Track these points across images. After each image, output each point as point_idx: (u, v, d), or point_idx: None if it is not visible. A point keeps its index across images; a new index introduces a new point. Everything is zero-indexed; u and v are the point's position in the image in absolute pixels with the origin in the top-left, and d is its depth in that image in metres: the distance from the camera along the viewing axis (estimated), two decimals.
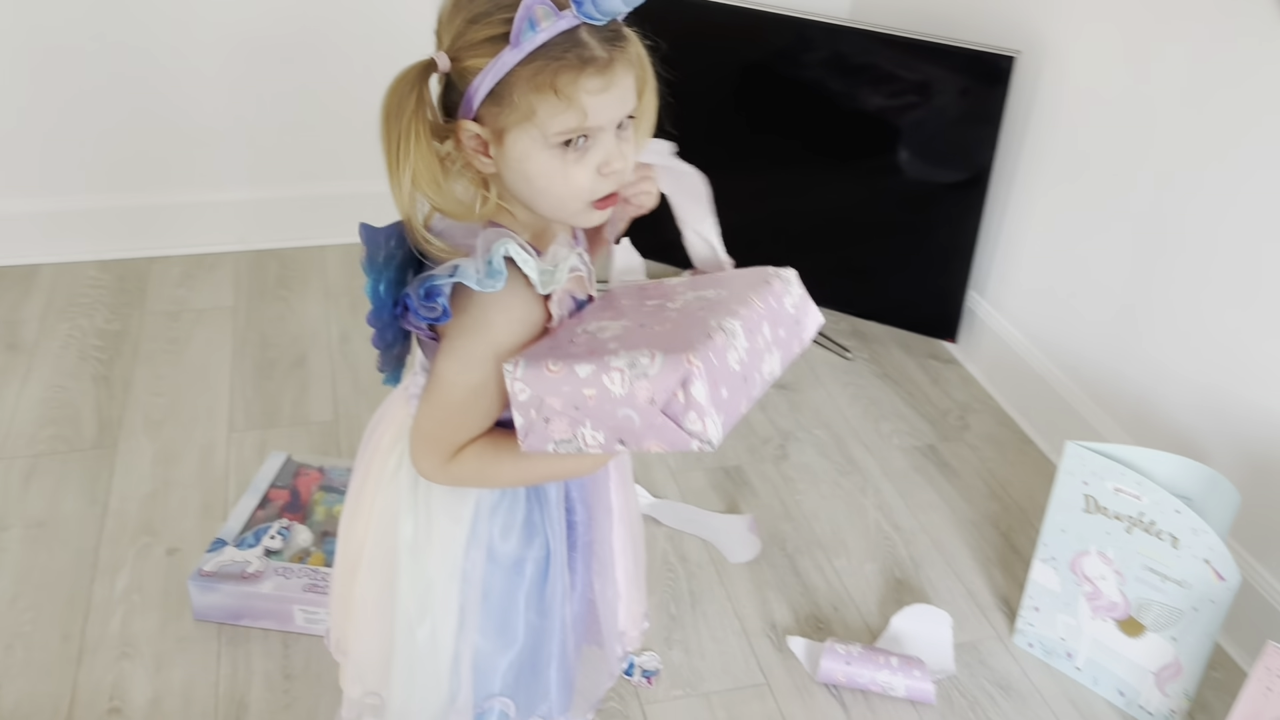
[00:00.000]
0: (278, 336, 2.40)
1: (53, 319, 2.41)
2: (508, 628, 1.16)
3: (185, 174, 2.63)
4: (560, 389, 0.89)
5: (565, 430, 0.91)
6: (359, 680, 1.23)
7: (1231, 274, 1.72)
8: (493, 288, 0.91)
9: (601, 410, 0.89)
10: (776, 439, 2.18)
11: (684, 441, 0.87)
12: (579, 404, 0.89)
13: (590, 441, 0.91)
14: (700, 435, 0.86)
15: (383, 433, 1.16)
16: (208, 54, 2.50)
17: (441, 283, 0.92)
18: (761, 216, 2.48)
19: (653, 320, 0.94)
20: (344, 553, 1.22)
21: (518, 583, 1.15)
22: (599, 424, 0.90)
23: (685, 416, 0.86)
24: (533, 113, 0.91)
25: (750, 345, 0.92)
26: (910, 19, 2.43)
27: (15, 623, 1.69)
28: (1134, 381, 1.95)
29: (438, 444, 1.03)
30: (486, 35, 0.90)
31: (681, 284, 1.04)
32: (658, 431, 0.87)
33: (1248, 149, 1.67)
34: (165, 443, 2.07)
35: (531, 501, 1.12)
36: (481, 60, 0.90)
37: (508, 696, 1.19)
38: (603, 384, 0.87)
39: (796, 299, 1.04)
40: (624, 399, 0.87)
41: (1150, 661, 1.61)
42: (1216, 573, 1.50)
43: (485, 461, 1.03)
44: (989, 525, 2.00)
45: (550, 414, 0.91)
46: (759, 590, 1.83)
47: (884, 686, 1.64)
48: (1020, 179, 2.21)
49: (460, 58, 0.91)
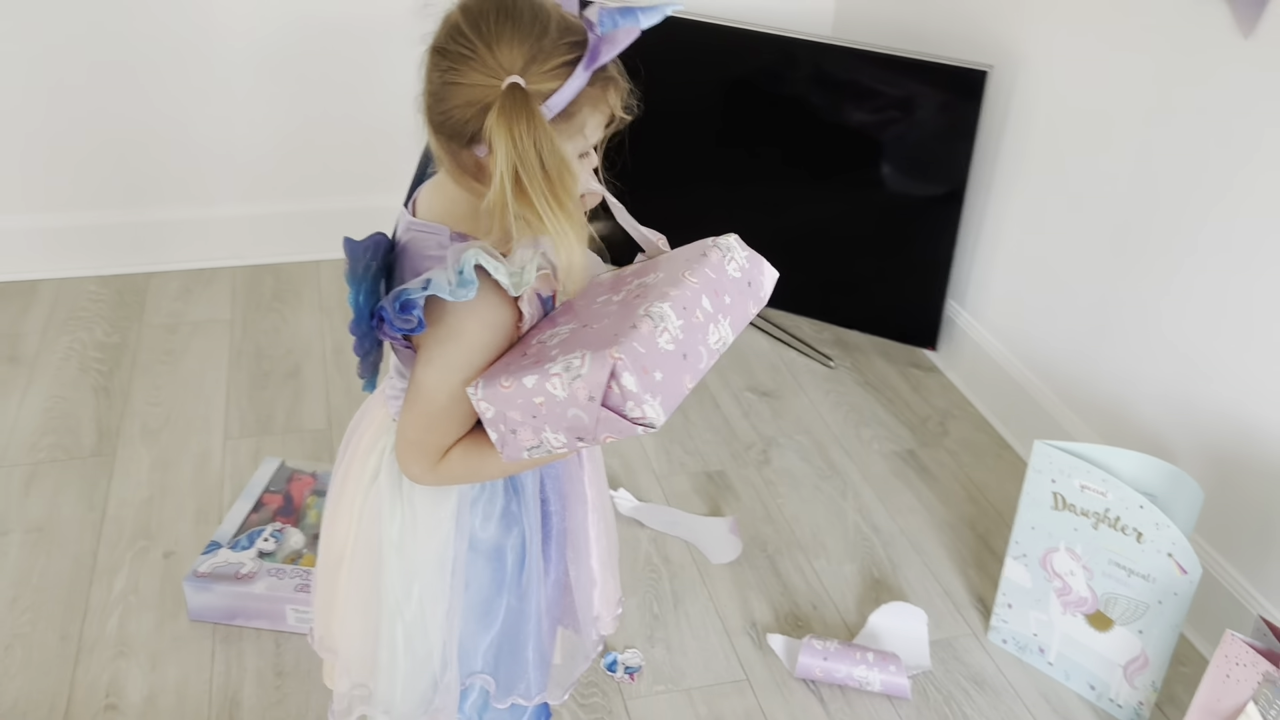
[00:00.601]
0: (272, 348, 2.46)
1: (54, 332, 2.47)
2: (488, 612, 1.21)
3: (183, 191, 2.69)
4: (515, 401, 0.95)
5: (531, 437, 0.97)
6: (346, 674, 1.27)
7: (1196, 281, 1.77)
8: (465, 297, 0.95)
9: (554, 414, 0.94)
10: (760, 444, 2.23)
11: (631, 428, 0.92)
12: (535, 412, 0.95)
13: (554, 443, 0.97)
14: (642, 420, 0.92)
15: (362, 434, 1.21)
16: (206, 75, 2.56)
17: (415, 295, 0.96)
18: (748, 230, 2.53)
19: (595, 318, 0.99)
20: (326, 552, 1.27)
21: (498, 569, 1.20)
22: (556, 427, 0.95)
23: (625, 406, 0.91)
24: (584, 126, 1.00)
25: (686, 322, 0.97)
26: (890, 36, 2.50)
27: (15, 624, 1.74)
28: (1105, 386, 2.00)
29: (424, 449, 1.07)
30: (560, 60, 0.96)
31: (631, 272, 1.09)
32: (607, 424, 0.92)
33: (1211, 159, 1.72)
34: (162, 450, 2.12)
35: (509, 493, 1.17)
36: (555, 83, 0.95)
37: (488, 674, 1.24)
38: (548, 390, 0.93)
39: (742, 262, 1.09)
40: (568, 400, 0.93)
41: (1119, 655, 1.65)
42: (1179, 566, 1.54)
43: (471, 459, 1.08)
44: (965, 527, 2.04)
45: (515, 425, 0.97)
46: (740, 590, 1.88)
47: (860, 681, 1.68)
48: (996, 190, 2.27)
49: (536, 82, 0.95)
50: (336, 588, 1.25)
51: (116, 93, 2.54)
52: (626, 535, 1.97)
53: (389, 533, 1.17)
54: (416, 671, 1.22)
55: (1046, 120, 2.11)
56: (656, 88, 2.69)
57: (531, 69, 0.95)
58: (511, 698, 1.27)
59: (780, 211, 2.48)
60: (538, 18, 0.96)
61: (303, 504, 1.90)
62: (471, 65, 0.95)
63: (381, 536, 1.18)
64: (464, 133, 0.97)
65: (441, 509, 1.16)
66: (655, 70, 2.57)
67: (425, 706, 1.24)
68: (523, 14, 0.95)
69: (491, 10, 0.95)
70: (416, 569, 1.18)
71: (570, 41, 0.96)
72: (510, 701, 1.27)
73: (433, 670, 1.22)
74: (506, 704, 1.27)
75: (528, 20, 0.95)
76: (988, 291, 2.34)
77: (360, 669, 1.25)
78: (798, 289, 2.55)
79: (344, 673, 1.27)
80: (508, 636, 1.23)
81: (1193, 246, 1.77)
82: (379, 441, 1.17)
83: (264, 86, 2.62)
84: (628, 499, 2.03)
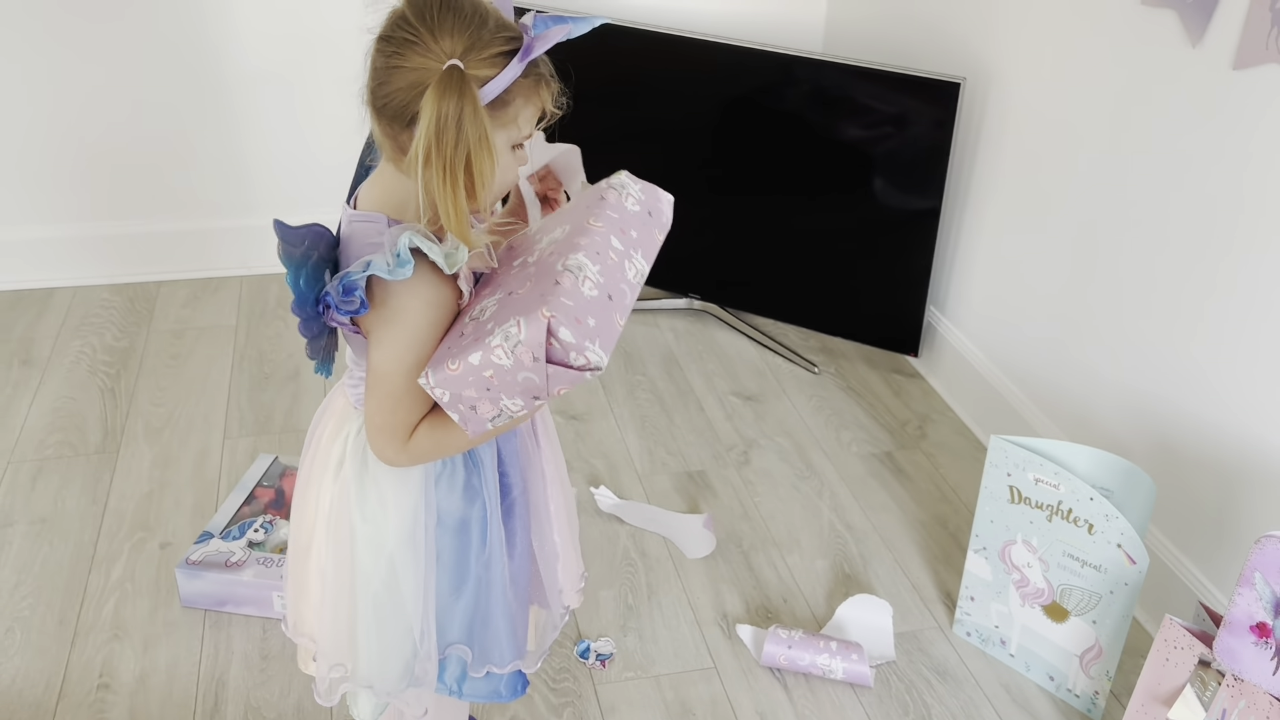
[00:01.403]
0: (274, 353, 2.54)
1: (66, 337, 2.57)
2: (460, 583, 1.28)
3: (193, 204, 2.79)
4: (467, 380, 1.02)
5: (490, 408, 1.04)
6: (324, 656, 1.32)
7: (1155, 286, 1.82)
8: (402, 276, 1.02)
9: (506, 382, 1.01)
10: (741, 446, 2.29)
11: (580, 376, 1.00)
12: (488, 385, 1.02)
13: (514, 408, 1.04)
14: (587, 366, 1.00)
15: (325, 423, 1.28)
16: (215, 92, 2.67)
17: (357, 277, 1.04)
18: (736, 241, 2.61)
19: (518, 283, 1.06)
20: (295, 538, 1.33)
21: (464, 541, 1.26)
22: (511, 393, 1.02)
23: (569, 357, 0.99)
24: (516, 117, 1.07)
25: (603, 266, 1.03)
26: (875, 51, 2.57)
27: (15, 608, 1.82)
28: (1073, 389, 2.05)
29: (392, 431, 1.14)
30: (498, 50, 1.04)
31: (538, 230, 1.16)
32: (557, 378, 1.00)
33: (1167, 170, 1.78)
34: (163, 448, 2.21)
35: (469, 467, 1.24)
36: (492, 70, 1.03)
37: (464, 644, 1.31)
38: (494, 362, 1.00)
39: (637, 194, 1.14)
40: (515, 366, 0.99)
41: (1074, 645, 1.70)
42: (1128, 556, 1.59)
43: (437, 434, 1.14)
44: (938, 526, 2.09)
45: (473, 402, 1.04)
46: (713, 584, 1.93)
47: (823, 669, 1.73)
48: (973, 200, 2.33)
49: (473, 66, 1.03)
50: (307, 574, 1.32)
51: (130, 110, 2.65)
52: (606, 531, 2.03)
53: (359, 514, 1.23)
54: (396, 645, 1.28)
55: (1017, 131, 2.17)
56: (645, 101, 2.77)
57: (470, 55, 1.02)
58: (487, 666, 1.33)
59: (767, 223, 2.55)
60: (477, 11, 1.04)
61: (293, 497, 1.97)
62: (415, 50, 1.03)
63: (352, 519, 1.24)
64: (405, 114, 1.04)
65: (408, 486, 1.22)
66: (645, 83, 2.66)
67: (407, 677, 1.30)
68: (464, 6, 1.04)
69: (435, 2, 1.04)
70: (388, 546, 1.24)
71: (507, 35, 1.05)
72: (486, 670, 1.33)
73: (412, 642, 1.28)
74: (483, 672, 1.33)
75: (468, 12, 1.03)
76: (966, 298, 2.40)
77: (336, 650, 1.31)
78: (784, 297, 2.63)
79: (322, 656, 1.33)
80: (480, 607, 1.29)
81: (1156, 252, 1.82)
82: (342, 429, 1.24)
83: (270, 103, 2.72)
84: (608, 496, 2.09)
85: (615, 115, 2.57)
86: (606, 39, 2.49)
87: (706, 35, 2.44)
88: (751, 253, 2.62)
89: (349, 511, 1.24)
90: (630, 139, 2.59)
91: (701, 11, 2.80)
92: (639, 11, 2.74)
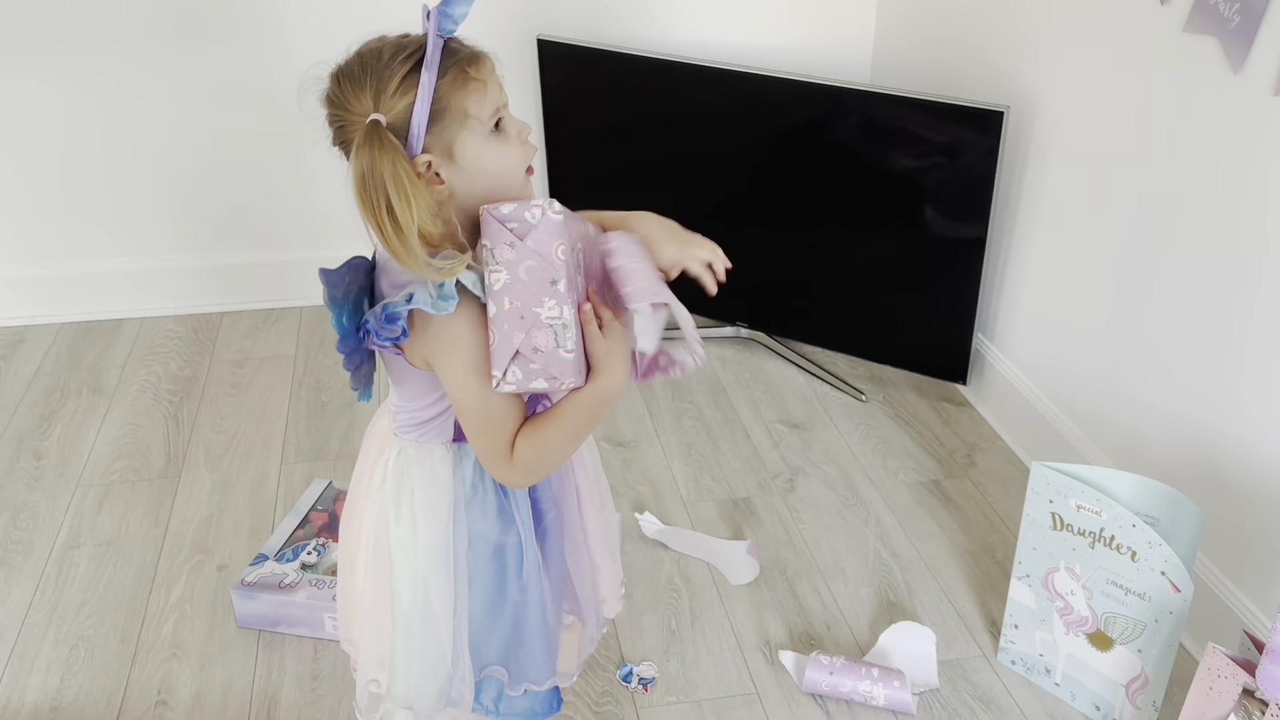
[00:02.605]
0: (331, 381, 2.61)
1: (133, 366, 2.66)
2: (496, 607, 1.31)
3: (257, 237, 2.89)
4: (502, 328, 1.07)
5: (540, 334, 1.08)
6: (362, 669, 1.37)
7: (1204, 313, 1.81)
8: (446, 311, 1.07)
9: (520, 292, 1.08)
10: (786, 473, 2.30)
11: (554, 225, 1.08)
12: (519, 314, 1.08)
13: (553, 313, 1.08)
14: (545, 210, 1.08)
15: (370, 445, 1.33)
16: (281, 128, 2.76)
17: (400, 309, 1.09)
18: (784, 270, 2.63)
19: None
20: (343, 555, 1.38)
21: (500, 567, 1.30)
22: (533, 297, 1.08)
23: (525, 214, 1.09)
24: (466, 113, 1.11)
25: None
26: (922, 82, 2.59)
27: (80, 627, 1.89)
28: (1121, 417, 2.03)
29: (494, 453, 1.17)
30: (401, 75, 1.09)
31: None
32: (542, 231, 1.07)
33: (1211, 197, 1.77)
34: (223, 473, 2.28)
35: (500, 492, 1.27)
36: (408, 97, 1.08)
37: (501, 665, 1.34)
38: (496, 290, 1.07)
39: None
40: (514, 261, 1.07)
41: (1120, 674, 1.68)
42: (1173, 584, 1.58)
43: (534, 440, 1.17)
44: (985, 555, 2.08)
45: (529, 345, 1.08)
46: (757, 610, 1.94)
47: (865, 696, 1.73)
48: (1019, 227, 2.33)
49: (390, 107, 1.08)
50: (353, 589, 1.36)
51: (202, 148, 2.76)
52: (650, 557, 2.05)
53: (395, 536, 1.27)
54: (431, 666, 1.31)
55: (1061, 158, 2.17)
56: (695, 133, 2.81)
57: (381, 99, 1.08)
58: (525, 684, 1.36)
59: (815, 251, 2.57)
60: (366, 60, 1.10)
61: (342, 513, 2.02)
62: (347, 130, 1.10)
63: (389, 541, 1.28)
64: None
65: (437, 509, 1.26)
66: (696, 116, 2.70)
67: (444, 700, 1.33)
68: (353, 67, 1.10)
69: (334, 83, 1.11)
70: (422, 569, 1.28)
71: (405, 56, 1.09)
72: (524, 688, 1.36)
73: (446, 665, 1.31)
74: (520, 690, 1.36)
75: (358, 68, 1.10)
76: (1014, 326, 2.39)
77: (374, 664, 1.35)
78: (831, 325, 2.64)
79: (361, 668, 1.37)
80: (517, 629, 1.32)
81: (1200, 278, 1.81)
82: (384, 452, 1.28)
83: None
84: (653, 522, 2.11)
85: (667, 148, 2.62)
86: (659, 74, 2.56)
87: (756, 69, 2.48)
88: (799, 281, 2.63)
89: (386, 534, 1.28)
90: (681, 171, 2.63)
91: (750, 45, 2.84)
92: (689, 46, 2.79)
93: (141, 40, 2.63)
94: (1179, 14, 1.79)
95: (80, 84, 2.65)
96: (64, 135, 2.70)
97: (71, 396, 2.54)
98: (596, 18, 2.79)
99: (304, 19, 2.67)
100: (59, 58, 2.62)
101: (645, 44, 2.73)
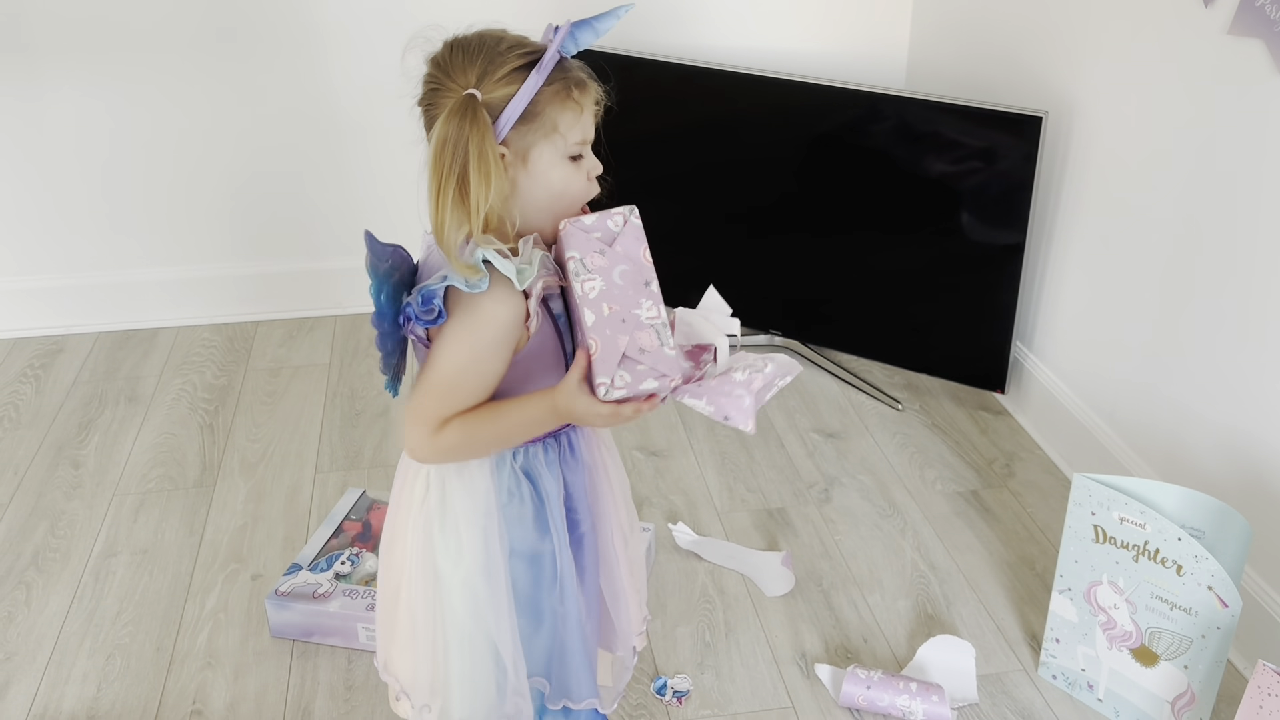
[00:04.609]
0: (366, 390, 2.62)
1: (169, 375, 2.68)
2: (536, 612, 1.30)
3: (291, 245, 2.90)
4: (604, 333, 1.09)
5: (645, 335, 1.09)
6: (412, 696, 1.35)
7: (1249, 321, 1.77)
8: (478, 288, 1.07)
9: (616, 296, 1.09)
10: (822, 483, 2.28)
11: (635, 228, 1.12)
12: (620, 317, 1.09)
13: (650, 313, 1.10)
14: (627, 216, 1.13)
15: (404, 469, 1.31)
16: (317, 139, 2.77)
17: (436, 287, 1.10)
18: (819, 277, 2.61)
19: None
20: (385, 579, 1.36)
21: (538, 573, 1.29)
22: (630, 299, 1.10)
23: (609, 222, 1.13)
24: (556, 127, 1.12)
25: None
26: (958, 87, 2.56)
27: (116, 636, 1.89)
28: (1164, 427, 2.00)
29: (426, 417, 1.16)
30: (512, 67, 1.10)
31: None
32: (626, 238, 1.11)
33: (1255, 202, 1.73)
34: (257, 482, 2.28)
35: (537, 500, 1.26)
36: (511, 88, 1.10)
37: (543, 676, 1.33)
38: (590, 298, 1.09)
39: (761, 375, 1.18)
40: (606, 267, 1.10)
41: (1166, 691, 1.64)
42: (1220, 599, 1.54)
43: (467, 429, 1.16)
44: (1024, 566, 2.05)
45: (634, 348, 1.09)
46: (792, 622, 1.92)
47: (903, 710, 1.71)
48: (1059, 234, 2.30)
49: (491, 90, 1.10)
50: (396, 615, 1.34)
51: (236, 156, 2.77)
52: (684, 568, 2.04)
53: (440, 549, 1.26)
54: (485, 682, 1.30)
55: (1101, 164, 2.14)
56: (731, 140, 2.80)
57: (485, 81, 1.09)
58: (564, 700, 1.35)
59: (851, 258, 2.55)
60: (485, 41, 1.12)
61: (380, 531, 2.02)
62: (440, 95, 1.11)
63: (436, 554, 1.27)
64: None
65: (477, 517, 1.25)
66: (731, 123, 2.69)
67: (499, 716, 1.32)
68: (470, 41, 1.12)
69: (446, 49, 1.13)
70: (471, 579, 1.26)
71: (521, 52, 1.11)
72: (563, 703, 1.35)
73: (497, 678, 1.29)
74: (559, 705, 1.35)
75: (475, 45, 1.11)
76: (1053, 334, 2.36)
77: (424, 690, 1.33)
78: (867, 333, 2.61)
79: (412, 695, 1.35)
80: (556, 640, 1.31)
81: (1247, 284, 1.78)
82: (421, 468, 1.27)
83: (369, 149, 2.81)
84: (686, 533, 2.10)
85: (702, 154, 2.60)
86: (689, 80, 2.54)
87: (789, 74, 2.46)
88: (835, 289, 2.61)
89: (432, 549, 1.27)
90: (713, 178, 2.62)
91: (781, 51, 2.82)
92: (720, 53, 2.77)
93: (183, 51, 2.65)
94: (1224, 16, 1.75)
95: (122, 94, 2.67)
96: (105, 146, 2.72)
97: (109, 405, 2.56)
98: (626, 24, 2.76)
99: (345, 31, 2.68)
100: (100, 69, 2.64)
101: (675, 50, 2.71)
